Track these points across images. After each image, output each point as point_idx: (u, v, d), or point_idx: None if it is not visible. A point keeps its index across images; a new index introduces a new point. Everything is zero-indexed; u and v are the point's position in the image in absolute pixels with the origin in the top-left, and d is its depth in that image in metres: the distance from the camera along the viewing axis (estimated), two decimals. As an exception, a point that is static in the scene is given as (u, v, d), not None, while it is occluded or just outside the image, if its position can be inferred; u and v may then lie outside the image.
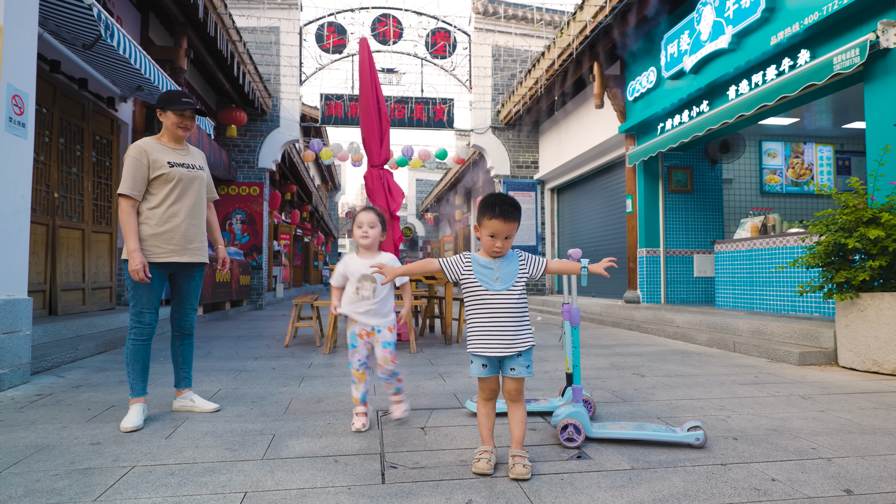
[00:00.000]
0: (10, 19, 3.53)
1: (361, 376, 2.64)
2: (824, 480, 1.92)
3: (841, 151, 9.54)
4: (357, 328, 2.63)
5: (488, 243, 2.07)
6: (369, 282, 2.59)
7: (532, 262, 2.14)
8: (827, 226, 4.12)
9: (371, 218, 2.65)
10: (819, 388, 3.47)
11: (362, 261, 2.62)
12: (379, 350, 2.63)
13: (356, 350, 2.65)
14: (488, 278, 2.07)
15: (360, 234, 2.64)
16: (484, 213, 2.06)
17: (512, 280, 2.07)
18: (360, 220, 2.65)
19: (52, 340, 4.85)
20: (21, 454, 2.21)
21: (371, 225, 2.64)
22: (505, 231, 2.03)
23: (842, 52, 4.62)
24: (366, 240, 2.63)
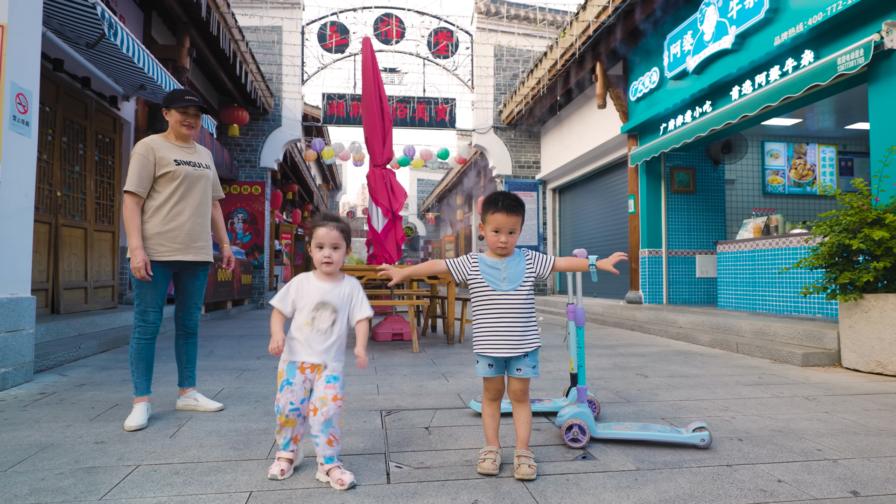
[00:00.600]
0: (15, 17, 3.53)
1: (289, 422, 2.00)
2: (831, 482, 1.92)
3: (844, 152, 9.53)
4: (299, 359, 2.03)
5: (493, 239, 2.05)
6: (328, 311, 2.03)
7: (539, 261, 2.12)
8: (831, 226, 4.11)
9: (335, 237, 2.06)
10: (823, 389, 3.46)
11: (322, 284, 2.07)
12: (320, 386, 1.98)
13: (291, 389, 1.99)
14: (495, 278, 2.06)
15: (321, 256, 2.05)
16: (487, 210, 2.06)
17: (519, 280, 2.05)
18: (320, 237, 2.05)
19: (54, 339, 4.85)
20: (25, 452, 2.21)
21: (334, 245, 2.06)
22: (508, 225, 2.02)
23: (846, 52, 4.61)
24: (328, 266, 2.05)
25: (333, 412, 1.95)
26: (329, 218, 2.11)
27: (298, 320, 2.05)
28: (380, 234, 6.03)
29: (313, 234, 2.07)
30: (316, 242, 2.07)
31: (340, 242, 2.08)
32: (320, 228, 2.06)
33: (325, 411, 1.93)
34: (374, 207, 6.06)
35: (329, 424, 1.94)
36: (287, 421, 2.00)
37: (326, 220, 2.09)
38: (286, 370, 2.03)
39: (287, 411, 1.99)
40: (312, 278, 2.11)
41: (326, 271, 2.07)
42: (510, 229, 2.03)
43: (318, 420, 1.93)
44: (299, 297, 2.07)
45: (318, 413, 1.93)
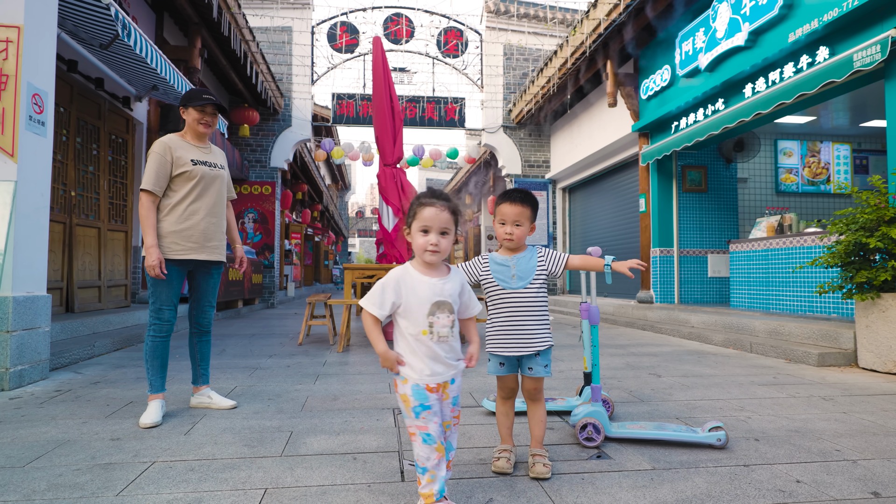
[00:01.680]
0: (30, 19, 3.57)
1: (442, 451, 1.63)
2: (850, 482, 1.89)
3: (859, 150, 9.41)
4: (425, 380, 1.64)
5: (499, 231, 2.03)
6: (446, 312, 1.65)
7: (552, 258, 2.08)
8: (847, 225, 4.06)
9: (445, 220, 1.66)
10: (840, 389, 3.42)
11: (430, 280, 1.67)
12: (447, 410, 1.70)
13: (434, 412, 1.62)
14: (505, 276, 2.03)
15: (424, 242, 1.65)
16: (496, 204, 2.06)
17: (529, 277, 2.03)
18: (426, 219, 1.65)
19: (69, 337, 4.90)
20: (43, 449, 2.23)
21: (443, 230, 1.66)
22: (513, 215, 1.98)
23: (862, 48, 4.54)
24: (434, 255, 1.65)
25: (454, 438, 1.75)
26: (438, 196, 1.69)
27: (410, 329, 1.65)
28: (390, 234, 6.03)
29: (416, 214, 1.67)
30: (420, 226, 1.66)
31: (450, 226, 1.68)
32: (427, 208, 1.65)
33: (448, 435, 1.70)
34: (384, 206, 6.07)
35: (451, 448, 1.71)
36: (441, 449, 1.62)
37: (435, 199, 1.68)
38: (413, 394, 1.62)
39: (441, 436, 1.62)
40: (414, 272, 1.69)
41: (430, 260, 1.67)
42: (515, 220, 1.99)
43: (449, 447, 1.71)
44: (402, 298, 1.65)
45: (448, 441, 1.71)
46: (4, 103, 3.44)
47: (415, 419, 1.61)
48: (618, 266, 2.09)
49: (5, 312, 3.34)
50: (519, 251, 2.07)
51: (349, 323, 5.38)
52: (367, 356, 4.79)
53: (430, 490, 1.58)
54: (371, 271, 5.48)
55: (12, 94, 3.46)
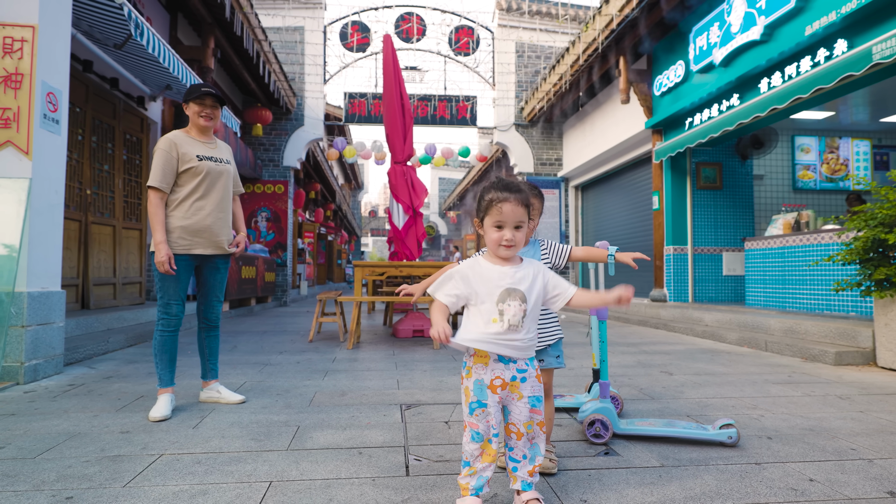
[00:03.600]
0: (45, 18, 3.62)
1: (489, 454, 1.57)
2: (866, 482, 1.84)
3: (879, 146, 9.21)
4: (488, 374, 1.59)
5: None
6: (518, 300, 1.57)
7: (555, 251, 2.03)
8: (866, 221, 3.97)
9: (520, 214, 1.58)
10: (857, 388, 3.34)
11: (501, 268, 1.61)
12: (523, 410, 1.60)
13: (487, 412, 1.57)
14: None
15: (498, 237, 1.58)
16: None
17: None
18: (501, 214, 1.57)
19: (84, 333, 4.97)
20: (54, 441, 2.26)
21: (518, 224, 1.58)
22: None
23: (881, 41, 4.44)
24: (508, 251, 1.59)
25: (541, 441, 1.62)
26: (510, 188, 1.59)
27: (479, 318, 1.59)
28: (401, 231, 6.03)
29: (489, 209, 1.59)
30: (494, 221, 1.58)
31: (525, 219, 1.60)
32: (502, 204, 1.56)
33: (532, 435, 1.61)
34: (394, 204, 6.07)
35: (537, 451, 1.60)
36: (490, 451, 1.57)
37: (508, 191, 1.58)
38: (474, 389, 1.59)
39: (492, 435, 1.57)
40: (484, 262, 1.63)
41: (505, 255, 1.60)
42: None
43: (524, 445, 1.60)
44: (470, 287, 1.60)
45: (523, 438, 1.60)
46: (20, 102, 3.49)
47: (469, 415, 1.59)
48: (621, 256, 2.05)
49: (20, 308, 3.39)
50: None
51: (359, 320, 5.39)
52: (376, 353, 4.79)
53: (467, 483, 1.58)
54: (381, 269, 5.48)
55: (27, 93, 3.51)
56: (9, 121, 3.47)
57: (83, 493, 1.74)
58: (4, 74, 3.48)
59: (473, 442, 1.57)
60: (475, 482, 1.57)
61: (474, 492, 1.57)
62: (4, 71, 3.49)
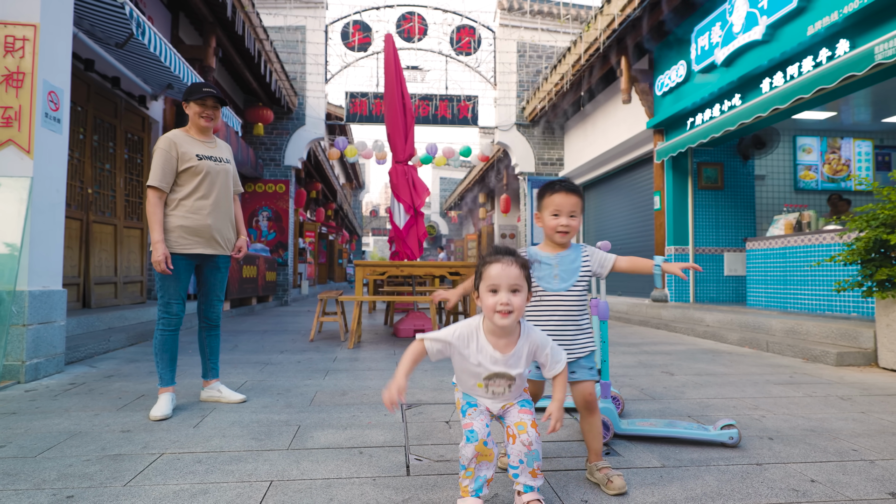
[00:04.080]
0: (46, 17, 3.62)
1: (487, 452, 1.55)
2: (867, 483, 1.83)
3: (881, 146, 9.19)
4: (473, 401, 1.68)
5: (552, 223, 1.88)
6: (504, 379, 1.60)
7: (598, 258, 1.93)
8: (867, 221, 3.96)
9: (514, 276, 1.55)
10: (859, 389, 3.34)
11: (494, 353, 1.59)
12: (513, 411, 1.63)
13: (479, 410, 1.62)
14: (547, 275, 1.89)
15: (494, 303, 1.54)
16: (543, 195, 1.93)
17: (573, 278, 1.89)
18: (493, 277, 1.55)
19: (85, 332, 4.97)
20: (55, 440, 2.26)
21: (514, 288, 1.55)
22: (568, 206, 1.86)
23: (884, 41, 4.43)
24: (506, 318, 1.53)
25: (537, 441, 1.56)
26: (503, 252, 1.61)
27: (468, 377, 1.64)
28: (401, 231, 6.03)
29: (483, 274, 1.58)
30: (488, 285, 1.56)
31: (521, 284, 1.56)
32: (493, 265, 1.57)
33: (525, 439, 1.54)
34: (395, 204, 6.07)
35: (535, 457, 1.56)
36: (487, 451, 1.55)
37: (500, 255, 1.59)
38: (463, 397, 1.68)
39: (486, 435, 1.55)
40: (482, 338, 1.60)
41: (501, 324, 1.54)
42: (571, 210, 1.87)
43: (517, 449, 1.56)
44: (462, 357, 1.62)
45: (516, 441, 1.55)
46: (21, 101, 3.50)
47: (462, 417, 1.62)
48: (669, 267, 1.93)
49: (21, 306, 3.39)
50: (564, 247, 1.94)
51: (360, 319, 5.39)
52: (377, 352, 4.79)
53: (467, 485, 1.58)
54: (382, 268, 5.48)
55: (28, 92, 3.51)
56: (10, 120, 3.47)
57: (84, 492, 1.74)
58: (6, 73, 3.48)
59: (469, 443, 1.55)
60: (474, 484, 1.57)
61: (474, 493, 1.56)
62: (6, 70, 3.49)
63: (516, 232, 19.19)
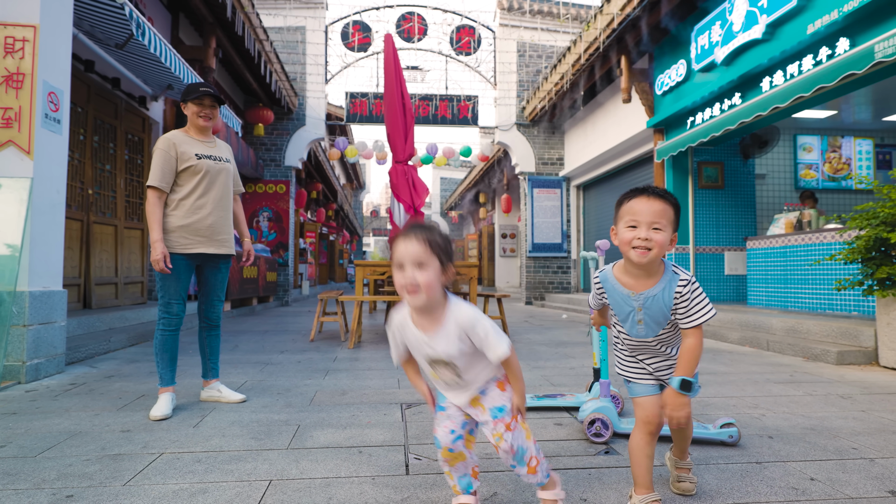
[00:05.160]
0: (46, 18, 3.63)
1: (454, 457, 1.52)
2: (867, 481, 1.83)
3: (881, 145, 9.18)
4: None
5: (627, 236, 1.48)
6: (445, 367, 1.49)
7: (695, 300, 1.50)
8: (868, 220, 3.96)
9: (415, 251, 1.41)
10: (859, 387, 3.33)
11: (420, 334, 1.48)
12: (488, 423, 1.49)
13: (447, 415, 1.54)
14: (626, 314, 1.57)
15: (402, 281, 1.42)
16: (621, 203, 1.55)
17: (660, 324, 1.55)
18: (397, 254, 1.44)
19: (86, 332, 4.98)
20: (55, 440, 2.26)
21: (419, 262, 1.41)
22: (650, 213, 1.46)
23: (884, 39, 4.42)
24: (414, 297, 1.42)
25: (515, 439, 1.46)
26: (411, 226, 1.47)
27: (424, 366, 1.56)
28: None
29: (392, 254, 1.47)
30: (395, 262, 1.44)
31: (428, 258, 1.41)
32: (397, 243, 1.45)
33: (505, 447, 1.45)
34: (395, 204, 6.06)
35: (521, 452, 1.46)
36: (455, 456, 1.51)
37: (407, 230, 1.46)
38: (437, 397, 1.61)
39: (450, 442, 1.50)
40: (409, 322, 1.51)
41: (413, 304, 1.44)
42: (653, 222, 1.46)
43: (507, 457, 1.47)
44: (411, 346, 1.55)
45: (499, 451, 1.47)
46: (21, 101, 3.50)
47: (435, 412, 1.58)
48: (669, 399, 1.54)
49: (21, 307, 3.39)
50: (650, 278, 1.52)
51: (360, 319, 5.39)
52: (377, 352, 4.79)
53: (454, 484, 1.56)
54: (382, 268, 5.48)
55: (28, 93, 3.52)
56: (10, 120, 3.48)
57: (83, 492, 1.74)
58: (6, 74, 3.49)
59: (437, 448, 1.53)
60: (460, 484, 1.55)
61: (464, 490, 1.55)
62: (6, 71, 3.49)
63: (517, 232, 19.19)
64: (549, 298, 12.19)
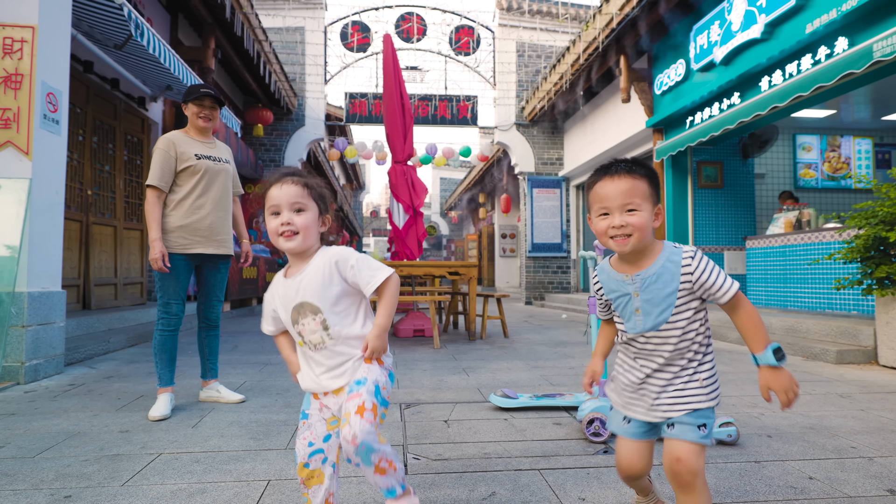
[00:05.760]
0: (45, 19, 3.63)
1: (315, 477, 1.34)
2: (866, 480, 1.83)
3: (881, 144, 9.19)
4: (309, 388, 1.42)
5: (601, 226, 1.28)
6: (309, 315, 1.34)
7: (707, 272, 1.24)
8: (867, 219, 3.96)
9: (293, 193, 1.36)
10: (858, 386, 3.33)
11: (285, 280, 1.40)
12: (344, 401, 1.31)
13: (308, 424, 1.37)
14: (624, 308, 1.33)
15: (277, 225, 1.35)
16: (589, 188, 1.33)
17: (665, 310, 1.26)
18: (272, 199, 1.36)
19: (85, 333, 4.97)
20: (53, 440, 2.26)
21: (297, 207, 1.36)
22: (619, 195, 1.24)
23: (882, 38, 4.42)
24: (291, 240, 1.35)
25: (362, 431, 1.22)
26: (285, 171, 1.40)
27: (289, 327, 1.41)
28: (401, 231, 6.03)
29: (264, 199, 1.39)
30: (268, 208, 1.37)
31: (305, 201, 1.36)
32: (272, 187, 1.36)
33: (348, 433, 1.22)
34: (395, 204, 6.07)
35: (367, 450, 1.22)
36: (311, 474, 1.33)
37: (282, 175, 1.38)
38: (303, 402, 1.44)
39: (306, 457, 1.33)
40: (279, 277, 1.43)
41: (288, 248, 1.35)
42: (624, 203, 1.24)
43: (347, 448, 1.22)
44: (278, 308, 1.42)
45: (342, 440, 1.24)
46: (19, 102, 3.50)
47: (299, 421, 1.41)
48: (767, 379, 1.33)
49: (20, 308, 3.39)
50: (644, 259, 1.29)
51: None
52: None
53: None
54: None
55: (27, 94, 3.52)
56: (9, 121, 3.48)
57: (81, 492, 1.74)
58: (4, 75, 3.49)
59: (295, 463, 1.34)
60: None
61: None
62: (4, 71, 3.49)
63: (517, 232, 19.19)
64: (549, 298, 12.19)
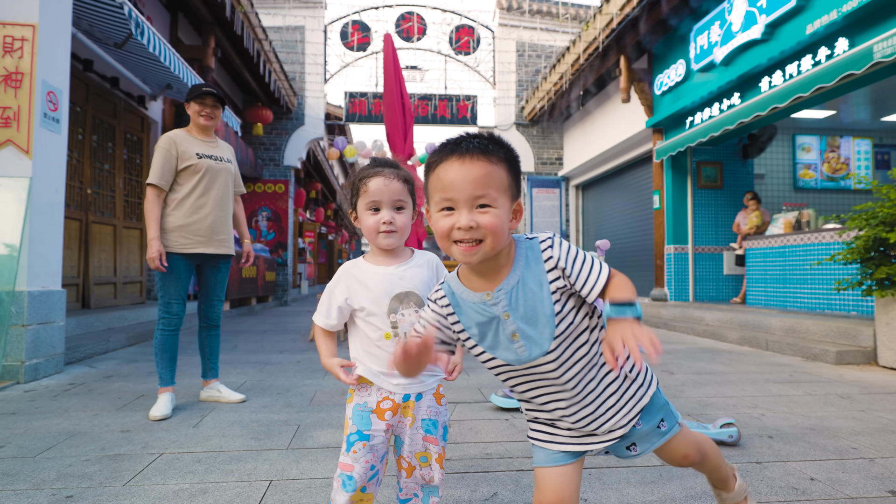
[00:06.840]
0: (45, 18, 3.62)
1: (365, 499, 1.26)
2: (867, 481, 1.83)
3: (880, 145, 9.20)
4: (373, 397, 1.30)
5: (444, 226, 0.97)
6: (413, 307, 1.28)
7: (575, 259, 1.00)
8: (867, 220, 3.96)
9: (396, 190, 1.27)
10: (858, 387, 3.34)
11: (388, 269, 1.30)
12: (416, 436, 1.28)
13: (371, 447, 1.25)
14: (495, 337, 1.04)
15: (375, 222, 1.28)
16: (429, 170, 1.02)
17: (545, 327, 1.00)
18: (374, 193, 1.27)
19: (85, 332, 4.97)
20: (54, 440, 2.26)
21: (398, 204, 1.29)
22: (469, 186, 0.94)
23: (883, 39, 4.43)
24: (390, 238, 1.28)
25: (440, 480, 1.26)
26: (382, 163, 1.32)
27: (369, 335, 1.30)
28: (401, 230, 6.02)
29: (360, 189, 1.29)
30: (368, 202, 1.28)
31: (406, 199, 1.30)
32: (373, 179, 1.28)
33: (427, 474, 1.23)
34: (395, 203, 6.06)
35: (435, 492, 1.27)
36: (362, 497, 1.24)
37: (380, 167, 1.30)
38: (353, 416, 1.27)
39: (366, 480, 1.23)
40: (365, 265, 1.32)
41: (386, 245, 1.28)
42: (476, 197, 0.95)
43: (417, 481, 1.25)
44: (355, 298, 1.30)
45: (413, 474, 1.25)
46: (20, 101, 3.49)
47: (345, 453, 1.24)
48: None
49: (20, 307, 3.39)
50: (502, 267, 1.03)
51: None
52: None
53: None
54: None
55: (27, 92, 3.51)
56: (9, 120, 3.47)
57: (83, 492, 1.73)
58: (5, 73, 3.48)
59: (343, 491, 1.21)
60: None
61: None
62: (5, 70, 3.48)
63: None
64: (549, 298, 12.16)
